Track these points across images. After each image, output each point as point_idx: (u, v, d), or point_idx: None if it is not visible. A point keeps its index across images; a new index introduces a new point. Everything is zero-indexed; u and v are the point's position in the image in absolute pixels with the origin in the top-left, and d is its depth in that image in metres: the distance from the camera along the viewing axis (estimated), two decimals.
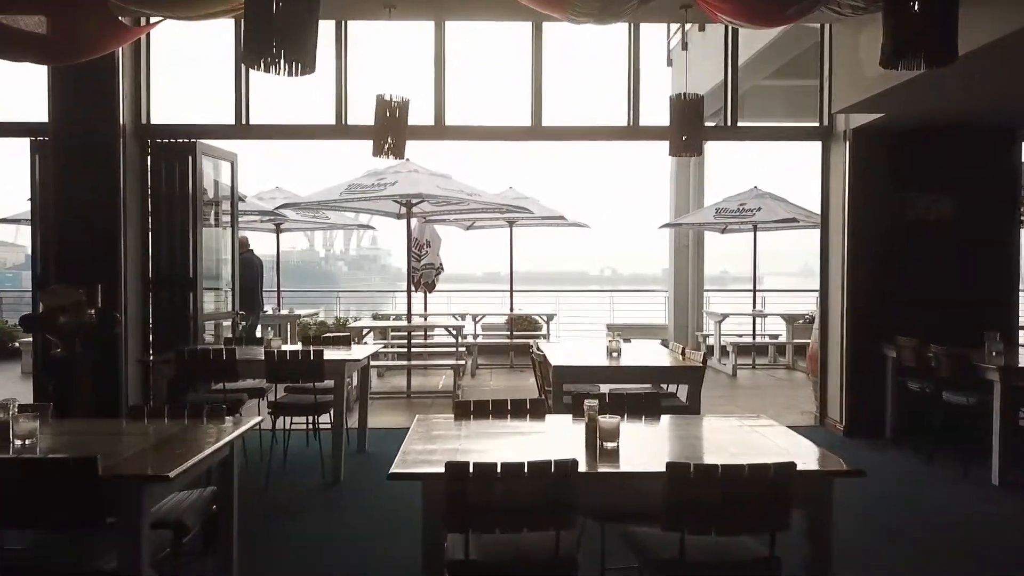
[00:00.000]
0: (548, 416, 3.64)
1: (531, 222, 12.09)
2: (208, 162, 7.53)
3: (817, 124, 7.18)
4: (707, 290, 13.03)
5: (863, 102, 5.93)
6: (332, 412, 5.49)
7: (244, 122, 7.07)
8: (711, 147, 12.79)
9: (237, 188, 7.82)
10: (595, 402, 2.99)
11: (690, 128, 5.68)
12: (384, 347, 11.01)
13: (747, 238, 13.18)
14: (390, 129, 5.72)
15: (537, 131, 7.08)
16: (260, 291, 10.62)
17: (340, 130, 7.06)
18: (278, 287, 11.94)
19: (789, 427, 3.49)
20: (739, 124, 7.15)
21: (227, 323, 7.91)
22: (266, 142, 7.61)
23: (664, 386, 5.81)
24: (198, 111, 7.59)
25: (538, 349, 5.84)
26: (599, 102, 8.21)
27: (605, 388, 5.88)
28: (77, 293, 6.03)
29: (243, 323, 9.63)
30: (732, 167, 16.48)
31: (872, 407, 6.77)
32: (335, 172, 12.50)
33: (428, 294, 11.69)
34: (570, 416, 3.56)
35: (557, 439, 3.32)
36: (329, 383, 5.47)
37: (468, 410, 3.54)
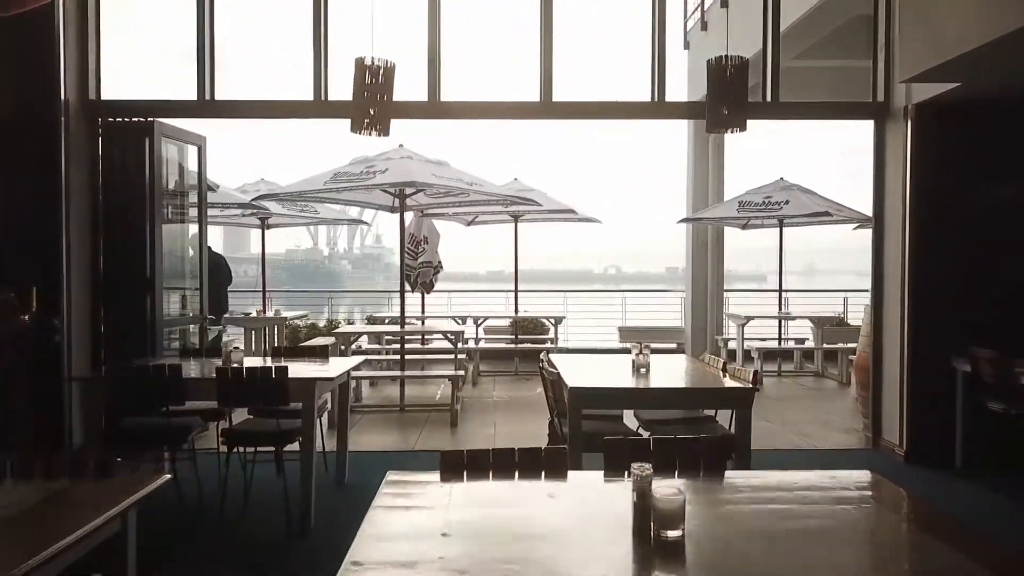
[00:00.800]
0: (571, 474, 2.64)
1: (538, 217, 11.10)
2: (171, 146, 6.56)
3: (870, 99, 6.17)
4: (727, 290, 12.01)
5: (937, 68, 4.91)
6: (301, 441, 4.50)
7: (209, 98, 6.08)
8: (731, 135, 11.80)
9: (205, 176, 6.83)
10: (648, 470, 1.98)
11: (733, 97, 4.68)
12: (376, 354, 10.05)
13: (752, 234, 12.16)
14: (372, 99, 4.73)
15: (547, 108, 6.08)
16: (221, 295, 9.64)
17: (319, 107, 6.07)
18: (263, 287, 10.96)
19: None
20: (781, 100, 6.13)
21: (195, 329, 6.94)
22: (239, 124, 6.64)
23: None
24: (159, 86, 6.61)
25: (550, 365, 4.84)
26: (616, 77, 7.21)
27: (630, 414, 4.96)
28: (4, 295, 5.08)
29: (216, 329, 8.67)
30: (752, 157, 15.44)
31: (938, 430, 5.76)
32: (328, 162, 11.52)
33: (426, 295, 10.70)
34: (600, 474, 2.57)
35: (587, 519, 2.22)
36: (298, 405, 4.48)
37: (460, 465, 2.55)
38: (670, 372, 4.99)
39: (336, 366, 5.01)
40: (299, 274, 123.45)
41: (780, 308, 10.99)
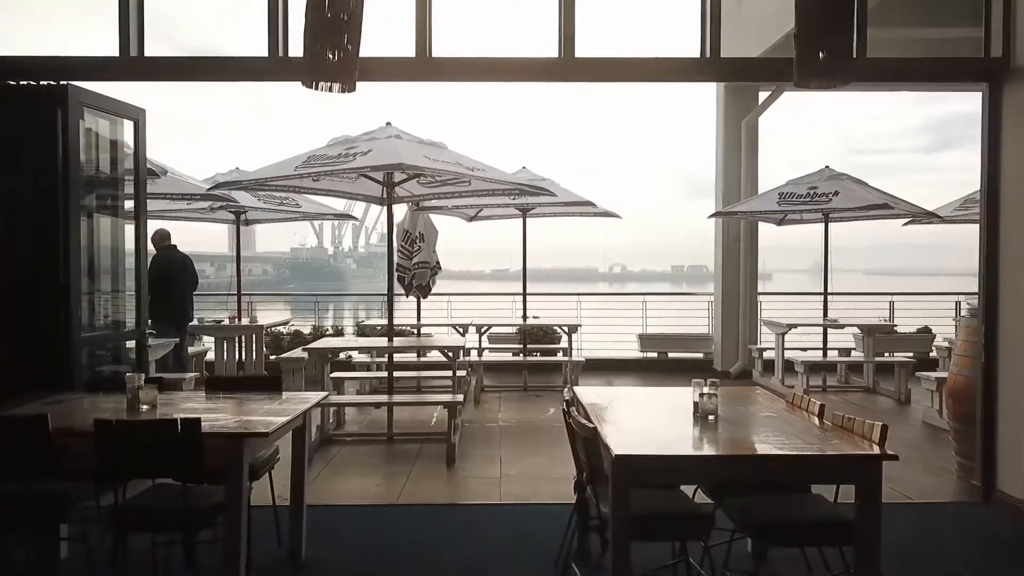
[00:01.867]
0: None
1: (551, 211, 9.71)
2: (100, 120, 5.21)
3: (981, 55, 4.78)
4: (762, 294, 10.61)
5: None
6: (223, 525, 3.13)
7: (136, 53, 4.72)
8: (764, 120, 10.39)
9: (144, 157, 5.47)
10: None
11: (837, 34, 3.28)
12: (366, 368, 8.67)
13: (773, 230, 10.74)
14: (330, 40, 3.36)
15: (568, 67, 4.70)
16: (186, 299, 8.30)
17: (276, 64, 4.70)
18: (239, 291, 9.60)
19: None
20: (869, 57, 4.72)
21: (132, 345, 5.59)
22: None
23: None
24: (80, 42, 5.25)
25: (578, 408, 3.46)
26: (653, 28, 5.82)
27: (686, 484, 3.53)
28: None
29: (169, 343, 7.32)
30: (774, 143, 14.06)
31: None
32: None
33: (421, 300, 9.33)
34: None
35: None
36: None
37: None
38: (747, 421, 3.59)
39: (285, 408, 3.64)
40: (303, 273, 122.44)
41: (825, 314, 9.58)
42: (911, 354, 10.70)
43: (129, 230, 5.53)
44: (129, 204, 5.51)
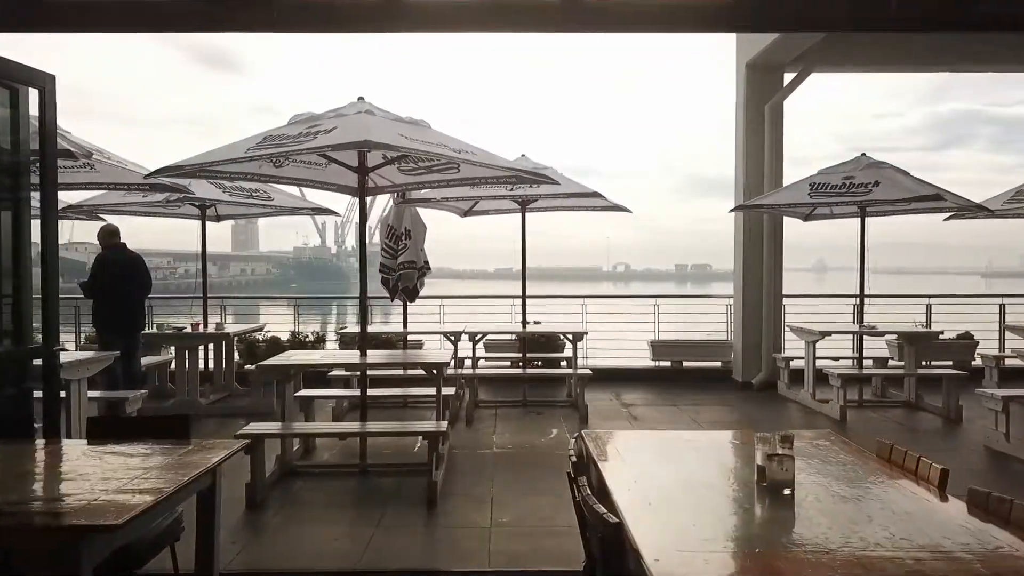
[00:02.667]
0: None
1: (554, 203, 8.66)
2: None
3: None
4: (787, 296, 9.53)
5: None
6: None
7: None
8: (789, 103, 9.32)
9: (53, 133, 4.41)
10: None
11: None
12: (346, 384, 7.62)
13: (800, 226, 9.69)
14: None
15: (570, 13, 3.64)
16: (135, 304, 7.26)
17: (206, 9, 3.64)
18: (204, 294, 8.57)
19: None
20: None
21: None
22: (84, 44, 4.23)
23: None
24: None
25: (589, 490, 2.36)
26: None
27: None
28: None
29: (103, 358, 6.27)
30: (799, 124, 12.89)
31: None
32: None
33: (409, 304, 8.28)
34: None
35: None
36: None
37: None
38: (840, 499, 2.47)
39: (186, 462, 2.59)
40: (306, 272, 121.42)
41: (860, 320, 8.49)
42: (950, 363, 9.68)
43: (25, 225, 4.49)
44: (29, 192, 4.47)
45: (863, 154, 8.31)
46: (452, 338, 8.12)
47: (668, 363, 9.90)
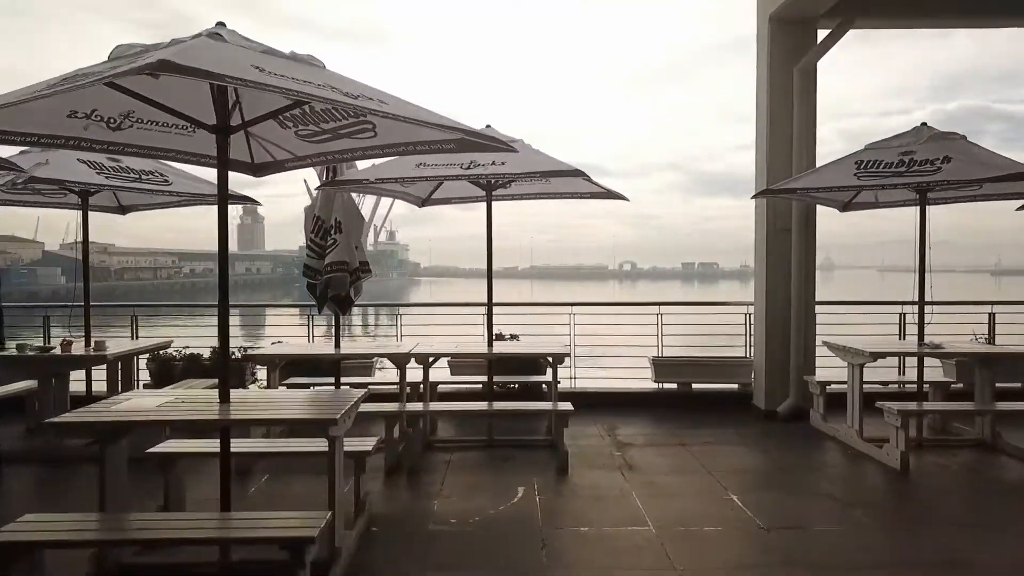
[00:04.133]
0: None
1: (526, 188, 6.85)
2: None
3: None
4: (820, 304, 7.63)
5: None
6: None
7: None
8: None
9: None
10: None
11: None
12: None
13: (836, 217, 7.78)
14: None
15: None
16: None
17: None
18: (86, 301, 6.77)
19: None
20: None
21: None
22: None
23: None
24: None
25: None
26: None
27: None
28: None
29: None
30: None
31: None
32: None
33: (342, 318, 6.45)
34: None
35: None
36: None
37: None
38: None
39: None
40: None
41: (921, 335, 6.58)
42: (1019, 385, 7.84)
43: None
44: None
45: (924, 124, 6.45)
46: (398, 360, 6.29)
47: (675, 385, 8.04)
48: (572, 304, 8.23)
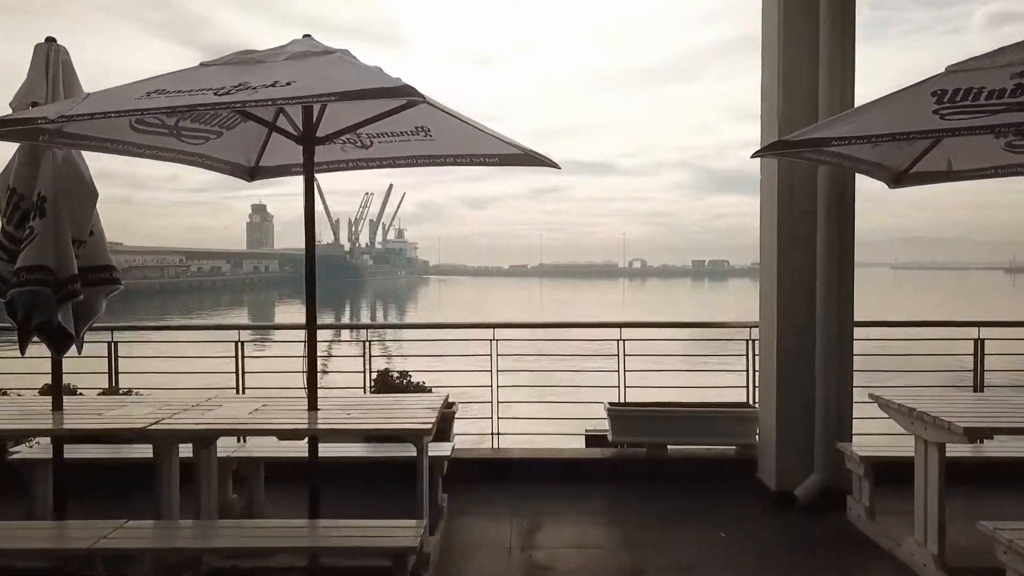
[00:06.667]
0: None
1: (389, 151, 4.20)
2: None
3: None
4: (861, 325, 4.88)
5: None
6: None
7: None
8: None
9: None
10: None
11: None
12: None
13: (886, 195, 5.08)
14: None
15: None
16: None
17: None
18: None
19: None
20: None
21: None
22: None
23: None
24: None
25: None
26: None
27: None
28: None
29: None
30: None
31: None
32: None
33: (58, 358, 3.82)
34: None
35: None
36: None
37: None
38: None
39: None
40: (320, 270, 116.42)
41: None
42: None
43: None
44: None
45: None
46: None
47: (642, 447, 5.34)
48: (495, 325, 5.51)
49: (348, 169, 4.47)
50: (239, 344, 5.37)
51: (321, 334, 6.14)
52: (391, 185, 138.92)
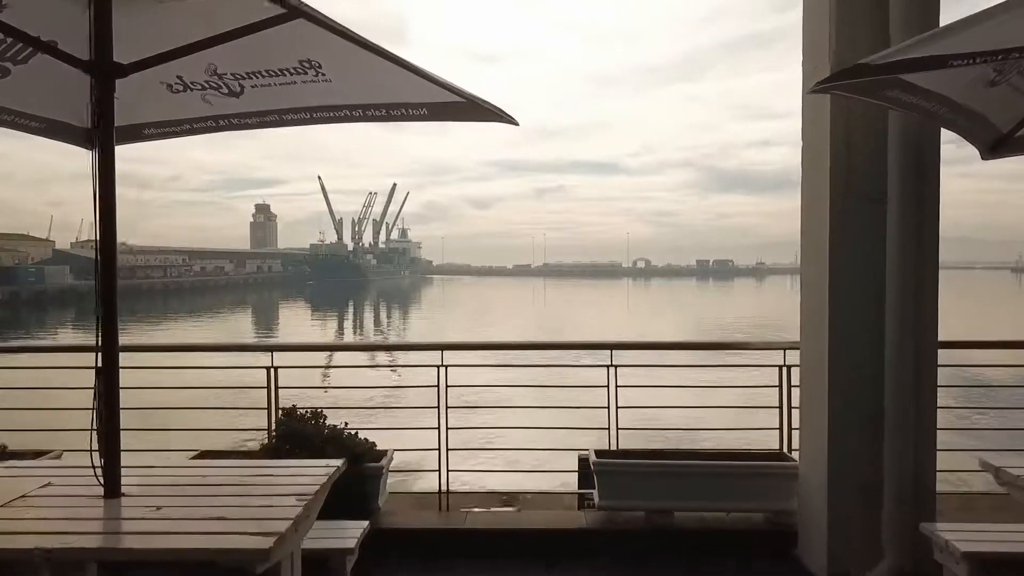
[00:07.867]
0: None
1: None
2: None
3: None
4: (946, 346, 3.49)
5: None
6: None
7: None
8: None
9: None
10: None
11: None
12: None
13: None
14: None
15: None
16: None
17: None
18: None
19: None
20: None
21: None
22: None
23: None
24: None
25: None
26: None
27: None
28: None
29: None
30: None
31: None
32: None
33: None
34: None
35: None
36: None
37: None
38: None
39: None
40: (323, 269, 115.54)
41: None
42: None
43: None
44: None
45: None
46: None
47: (639, 510, 3.91)
48: (443, 347, 4.09)
49: (214, 130, 2.98)
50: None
51: (222, 356, 4.74)
52: (395, 184, 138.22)
